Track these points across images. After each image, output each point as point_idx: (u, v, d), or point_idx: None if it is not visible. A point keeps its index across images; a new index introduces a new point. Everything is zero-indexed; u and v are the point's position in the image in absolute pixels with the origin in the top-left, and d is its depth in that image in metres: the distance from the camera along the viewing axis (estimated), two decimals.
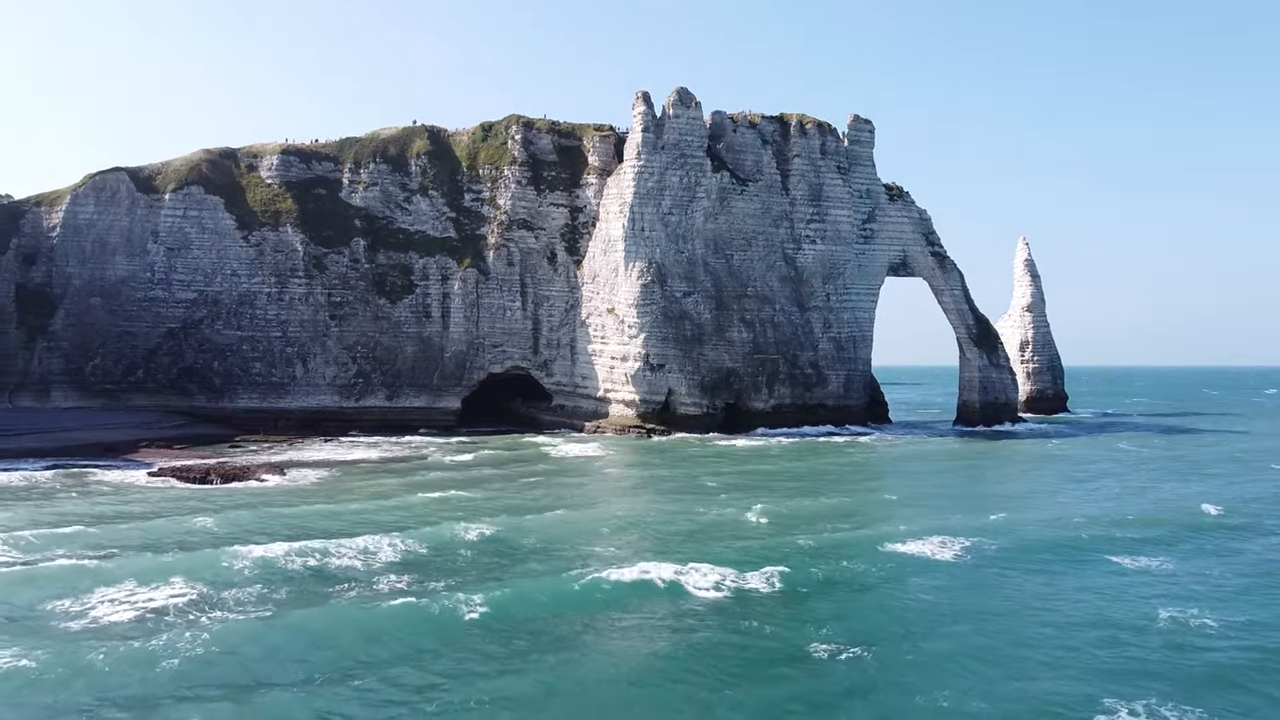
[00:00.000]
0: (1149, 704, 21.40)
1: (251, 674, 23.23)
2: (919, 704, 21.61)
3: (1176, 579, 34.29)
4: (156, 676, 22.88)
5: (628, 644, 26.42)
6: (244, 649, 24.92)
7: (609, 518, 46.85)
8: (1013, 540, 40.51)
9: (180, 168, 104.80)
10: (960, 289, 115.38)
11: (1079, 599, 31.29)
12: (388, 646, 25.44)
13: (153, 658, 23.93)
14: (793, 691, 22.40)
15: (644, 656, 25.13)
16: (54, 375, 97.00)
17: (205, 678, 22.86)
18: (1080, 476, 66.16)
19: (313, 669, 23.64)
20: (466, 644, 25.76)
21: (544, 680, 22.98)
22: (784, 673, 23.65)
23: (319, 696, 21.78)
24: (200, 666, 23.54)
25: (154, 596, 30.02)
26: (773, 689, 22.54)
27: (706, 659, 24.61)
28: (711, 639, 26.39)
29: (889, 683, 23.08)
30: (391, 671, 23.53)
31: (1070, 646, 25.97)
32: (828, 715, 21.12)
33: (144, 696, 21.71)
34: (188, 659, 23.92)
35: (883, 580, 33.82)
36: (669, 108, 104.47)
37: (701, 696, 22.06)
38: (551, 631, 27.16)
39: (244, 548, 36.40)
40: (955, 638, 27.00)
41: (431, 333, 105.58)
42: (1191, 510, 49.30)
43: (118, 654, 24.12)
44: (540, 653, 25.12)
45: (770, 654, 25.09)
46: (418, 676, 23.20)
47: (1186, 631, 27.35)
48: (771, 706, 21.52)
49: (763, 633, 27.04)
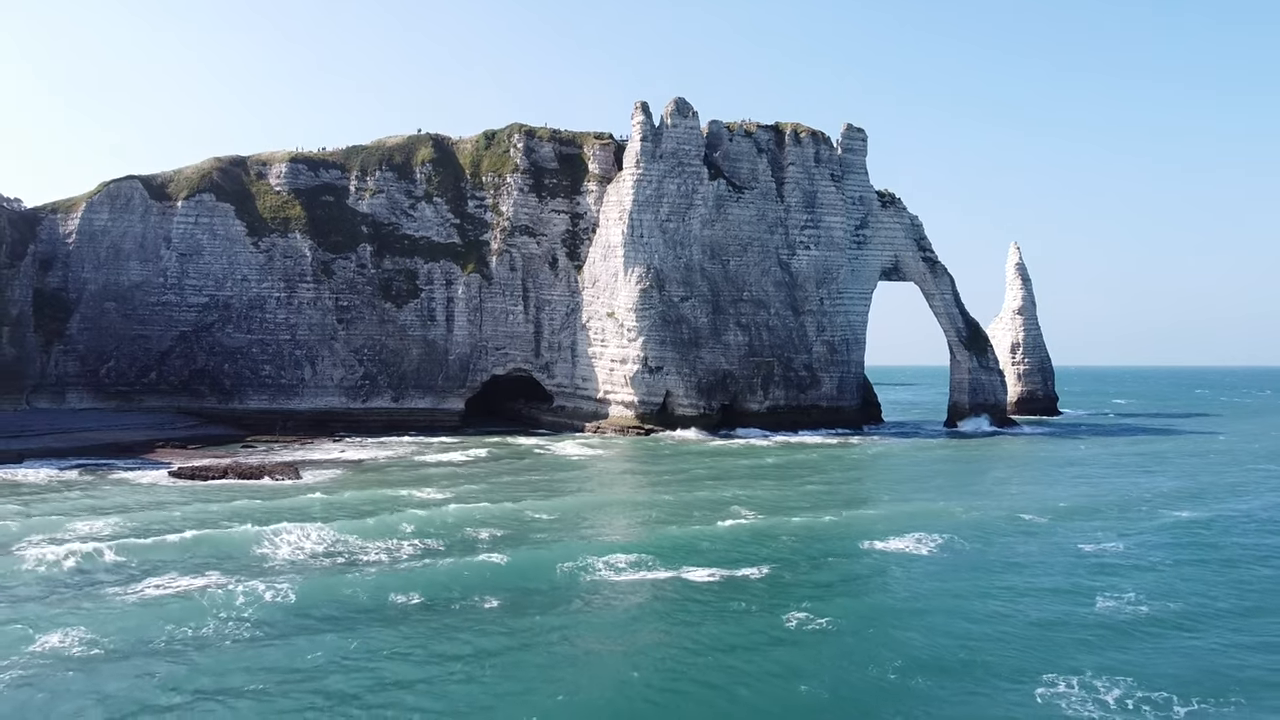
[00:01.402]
0: (1083, 677, 24.35)
1: (299, 620, 26.26)
2: (871, 673, 24.52)
3: (1121, 564, 37.42)
4: (211, 638, 25.92)
5: (620, 608, 29.43)
6: (291, 605, 27.96)
7: (606, 507, 50.06)
8: (980, 529, 43.71)
9: (192, 176, 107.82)
10: (951, 293, 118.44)
11: (1032, 581, 34.43)
12: (405, 608, 28.48)
13: (203, 620, 26.99)
14: (764, 656, 25.41)
15: (633, 621, 28.17)
16: (70, 377, 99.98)
17: (255, 626, 25.91)
18: (1056, 474, 69.30)
19: (348, 615, 26.69)
20: (477, 605, 28.76)
21: (548, 623, 26.04)
22: (759, 641, 26.67)
23: (356, 635, 24.84)
24: (240, 625, 26.57)
25: (195, 581, 33.00)
26: (749, 654, 25.55)
27: (691, 629, 27.63)
28: (698, 613, 29.43)
29: (847, 652, 26.11)
30: (409, 626, 26.54)
31: (1019, 623, 29.08)
32: (792, 676, 24.06)
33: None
34: (231, 620, 26.97)
35: (854, 566, 36.94)
36: (667, 117, 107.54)
37: (685, 659, 25.08)
38: (552, 593, 30.17)
39: (277, 530, 39.44)
40: (915, 615, 30.09)
41: (436, 336, 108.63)
42: (1149, 504, 52.55)
43: (170, 618, 27.18)
44: (543, 610, 28.15)
45: (749, 626, 28.14)
46: (433, 626, 26.23)
47: (1120, 612, 30.42)
48: (748, 666, 24.53)
49: (743, 608, 30.16)
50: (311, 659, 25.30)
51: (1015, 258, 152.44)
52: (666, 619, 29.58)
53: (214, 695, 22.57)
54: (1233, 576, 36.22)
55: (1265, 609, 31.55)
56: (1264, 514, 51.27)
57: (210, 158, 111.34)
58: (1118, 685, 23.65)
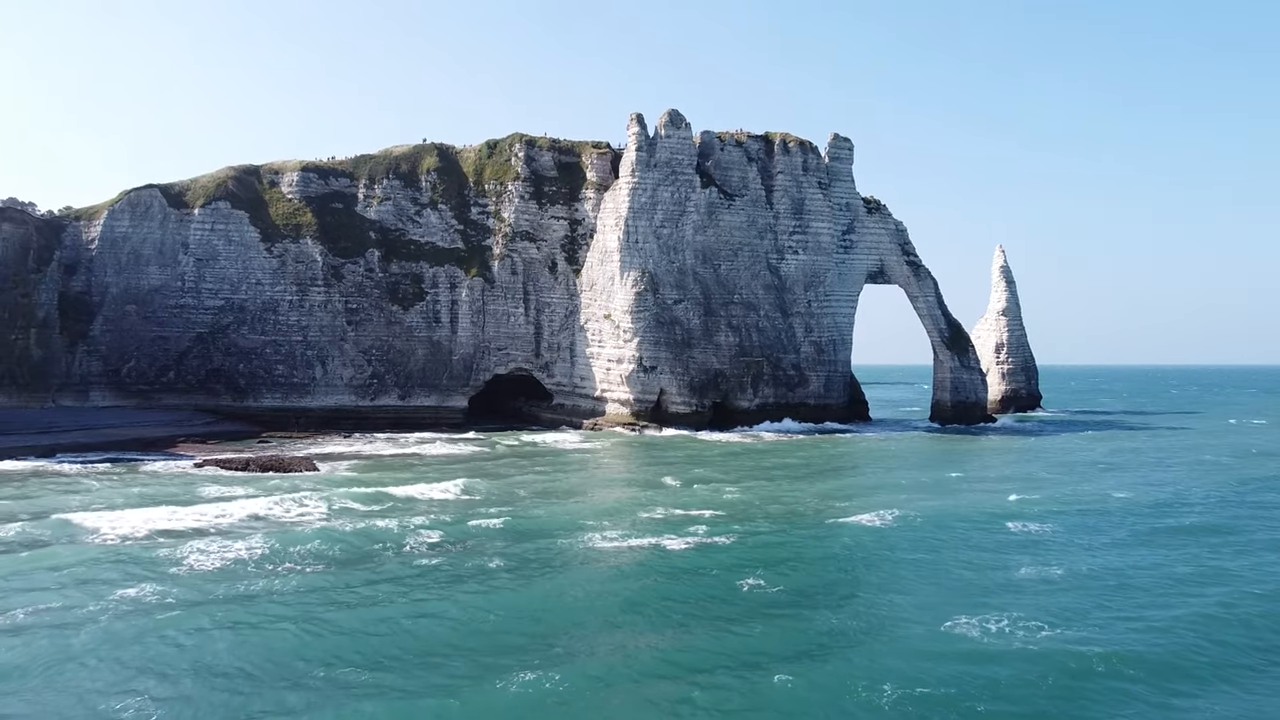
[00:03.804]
0: (984, 616, 29.42)
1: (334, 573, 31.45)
2: (817, 623, 29.53)
3: (1052, 542, 42.52)
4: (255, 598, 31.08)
5: (604, 565, 34.60)
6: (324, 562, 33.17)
7: (599, 491, 55.25)
8: (934, 514, 48.74)
9: (208, 184, 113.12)
10: (934, 296, 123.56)
11: (969, 554, 39.49)
12: (424, 567, 33.64)
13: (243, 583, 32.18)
14: (727, 611, 30.54)
15: (615, 576, 33.33)
16: (93, 377, 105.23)
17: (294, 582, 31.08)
18: (1019, 465, 74.47)
19: (370, 572, 31.89)
20: (484, 565, 33.91)
21: (549, 590, 31.24)
22: (724, 600, 31.79)
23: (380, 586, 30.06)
24: (287, 578, 31.72)
25: (236, 553, 38.16)
26: (715, 610, 30.69)
27: (671, 590, 32.76)
28: (669, 571, 34.62)
29: (797, 607, 31.15)
30: (427, 577, 31.68)
31: (945, 585, 34.20)
32: (747, 627, 29.11)
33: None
34: (278, 575, 32.15)
35: (818, 541, 42.03)
36: (661, 128, 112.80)
37: (657, 599, 30.23)
38: (548, 555, 35.33)
39: (306, 509, 44.61)
40: (860, 581, 35.23)
41: (441, 337, 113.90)
42: (1098, 493, 57.62)
43: (225, 575, 32.36)
44: (544, 577, 33.30)
45: (716, 589, 33.24)
46: (448, 577, 31.40)
47: (1035, 576, 35.53)
48: (715, 621, 29.62)
49: (708, 567, 35.39)
50: (349, 597, 30.48)
51: (1000, 260, 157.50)
52: (643, 575, 34.78)
53: (271, 625, 27.72)
54: (1137, 548, 41.31)
55: (1145, 570, 36.66)
56: (1188, 500, 56.36)
57: (225, 167, 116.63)
58: (1006, 620, 28.69)
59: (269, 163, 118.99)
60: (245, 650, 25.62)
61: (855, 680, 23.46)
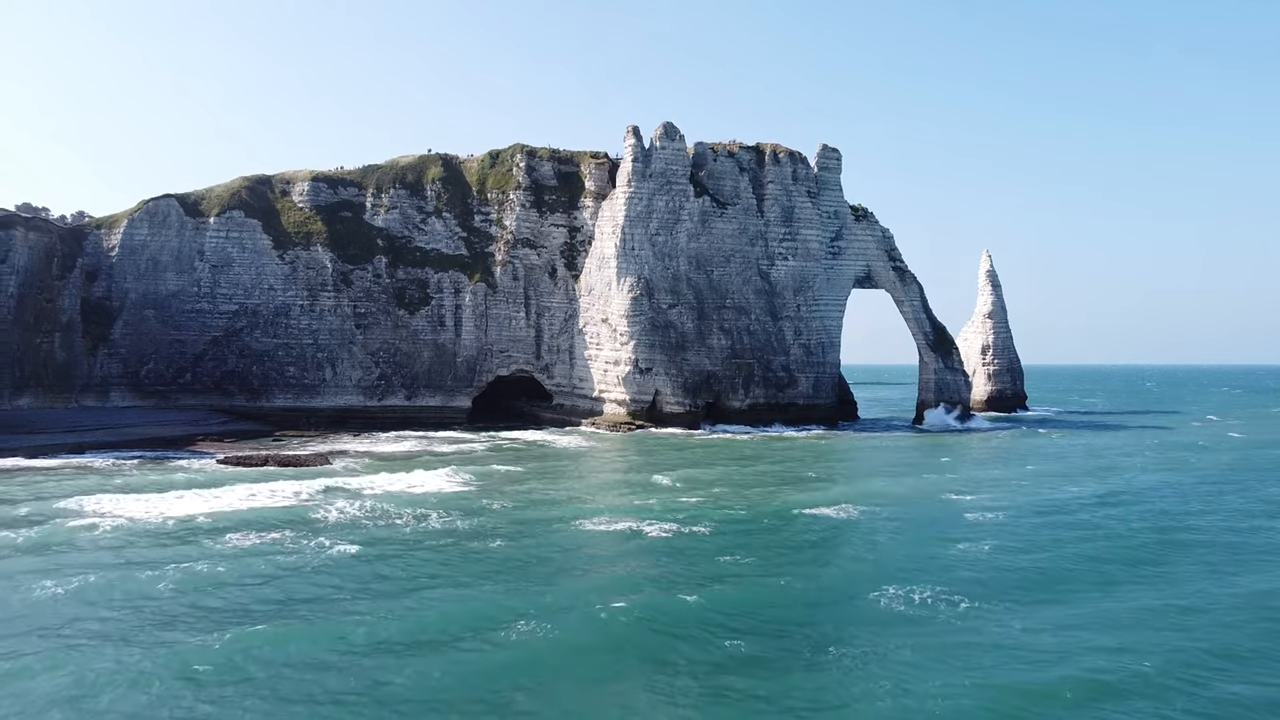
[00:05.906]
0: (918, 589, 34.30)
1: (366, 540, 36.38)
2: (769, 588, 34.48)
3: (998, 529, 47.38)
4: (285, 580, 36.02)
5: (596, 545, 39.52)
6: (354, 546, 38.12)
7: (594, 483, 60.09)
8: (899, 501, 53.72)
9: (222, 194, 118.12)
10: (919, 300, 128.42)
11: (920, 538, 44.40)
12: (435, 546, 38.57)
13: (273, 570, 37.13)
14: (696, 581, 35.46)
15: (604, 556, 38.24)
16: (113, 378, 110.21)
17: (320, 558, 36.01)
18: (990, 461, 79.30)
19: (380, 552, 36.85)
20: (487, 544, 38.84)
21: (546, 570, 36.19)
22: (701, 576, 36.71)
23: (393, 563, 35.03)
24: (315, 556, 36.66)
25: (268, 537, 43.11)
26: (688, 583, 35.61)
27: (649, 557, 37.70)
28: (653, 550, 39.52)
29: (755, 580, 36.06)
30: (439, 553, 36.61)
31: (890, 559, 39.19)
32: (713, 592, 34.02)
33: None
34: (308, 554, 37.09)
35: (786, 527, 46.96)
36: (656, 140, 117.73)
37: (639, 573, 35.16)
38: (544, 536, 40.26)
39: (331, 499, 49.59)
40: (817, 560, 40.14)
41: (445, 340, 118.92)
42: (1059, 491, 62.46)
43: (259, 553, 37.31)
44: (536, 546, 38.24)
45: (695, 568, 38.18)
46: (455, 554, 36.32)
47: (973, 556, 40.47)
48: (690, 592, 34.55)
49: (687, 548, 40.29)
50: (371, 570, 35.47)
51: (987, 265, 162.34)
52: (629, 556, 39.72)
53: (299, 598, 32.68)
54: (1074, 536, 46.23)
55: (1074, 556, 41.59)
56: (1138, 493, 61.23)
57: (238, 177, 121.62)
58: (929, 591, 33.61)
59: (280, 173, 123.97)
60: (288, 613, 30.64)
61: (801, 643, 28.41)
